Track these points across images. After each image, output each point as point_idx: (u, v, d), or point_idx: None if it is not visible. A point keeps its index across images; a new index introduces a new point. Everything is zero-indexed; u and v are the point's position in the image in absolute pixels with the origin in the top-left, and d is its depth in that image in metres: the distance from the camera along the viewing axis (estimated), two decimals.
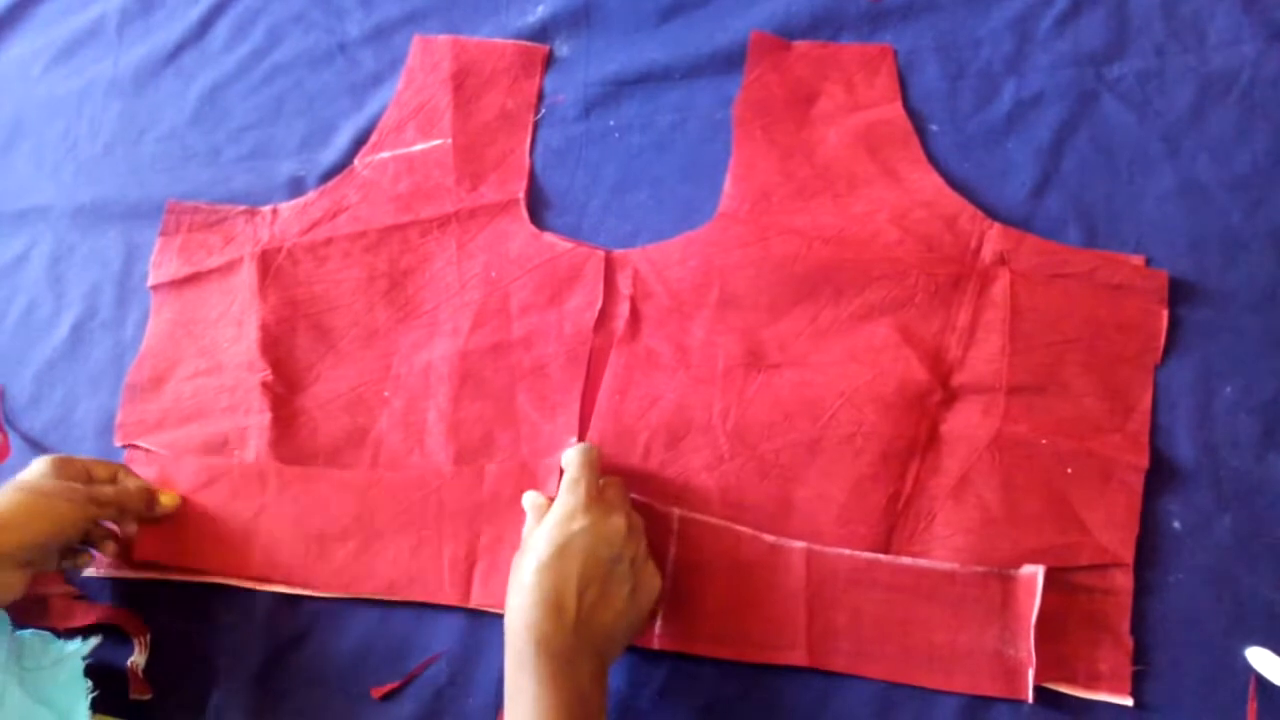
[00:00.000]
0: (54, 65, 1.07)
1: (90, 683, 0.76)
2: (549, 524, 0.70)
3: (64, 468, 0.78)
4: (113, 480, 0.81)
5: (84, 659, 0.77)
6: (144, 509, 0.81)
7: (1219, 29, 0.88)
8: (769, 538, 0.77)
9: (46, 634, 0.78)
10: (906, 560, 0.75)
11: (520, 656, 0.66)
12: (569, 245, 0.88)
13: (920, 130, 0.88)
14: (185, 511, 0.84)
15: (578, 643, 0.67)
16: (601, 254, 0.87)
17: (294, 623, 0.81)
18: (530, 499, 0.76)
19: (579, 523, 0.70)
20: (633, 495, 0.79)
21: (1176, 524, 0.76)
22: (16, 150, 1.04)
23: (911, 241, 0.83)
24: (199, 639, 0.82)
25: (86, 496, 0.76)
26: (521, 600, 0.68)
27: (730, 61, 0.93)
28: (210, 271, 0.92)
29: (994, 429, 0.78)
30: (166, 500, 0.83)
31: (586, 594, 0.68)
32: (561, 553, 0.68)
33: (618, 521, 0.71)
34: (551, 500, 0.74)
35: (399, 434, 0.85)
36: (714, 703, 0.76)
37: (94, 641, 0.78)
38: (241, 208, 0.94)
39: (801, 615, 0.75)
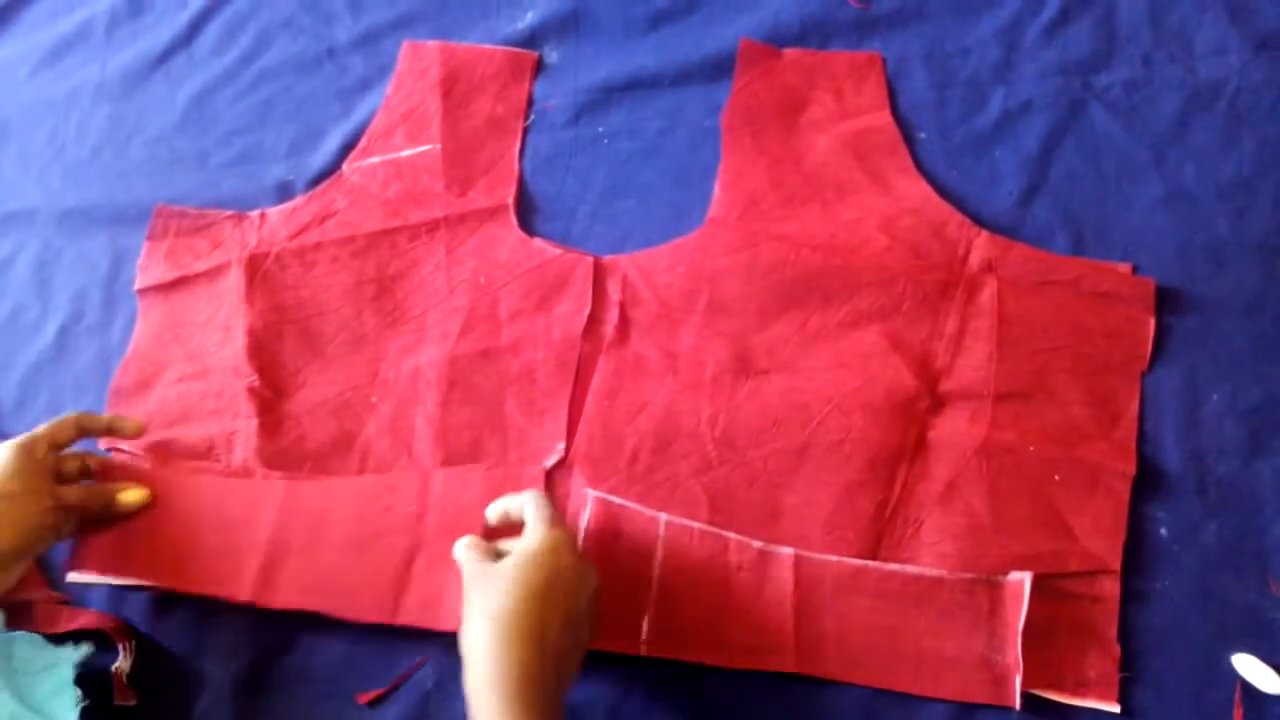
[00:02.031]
0: (41, 68, 1.06)
1: (80, 692, 0.75)
2: (534, 555, 0.66)
3: (28, 463, 0.74)
4: (81, 473, 0.80)
5: (75, 667, 0.76)
6: (109, 509, 0.80)
7: (1206, 39, 0.89)
8: (757, 544, 0.77)
9: (38, 638, 0.77)
10: (894, 567, 0.75)
11: (504, 701, 0.59)
12: (558, 251, 0.88)
13: (908, 138, 0.89)
14: (169, 517, 0.83)
15: (556, 686, 0.62)
16: (590, 260, 0.87)
17: (280, 628, 0.81)
18: (469, 543, 0.71)
19: (566, 560, 0.66)
20: (620, 501, 0.79)
21: (1163, 531, 0.76)
22: (3, 153, 1.03)
23: (900, 249, 0.83)
24: (184, 644, 0.81)
25: (53, 501, 0.75)
26: (504, 636, 0.61)
27: (719, 68, 0.93)
28: (197, 276, 0.92)
29: (981, 436, 0.78)
30: (129, 498, 0.81)
31: (564, 635, 0.64)
32: (550, 586, 0.64)
33: (591, 569, 0.69)
34: (487, 540, 0.71)
35: (387, 440, 0.84)
36: (701, 708, 0.75)
37: (86, 649, 0.77)
38: (229, 212, 0.94)
39: (789, 621, 0.75)
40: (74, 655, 0.77)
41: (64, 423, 0.79)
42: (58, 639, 0.78)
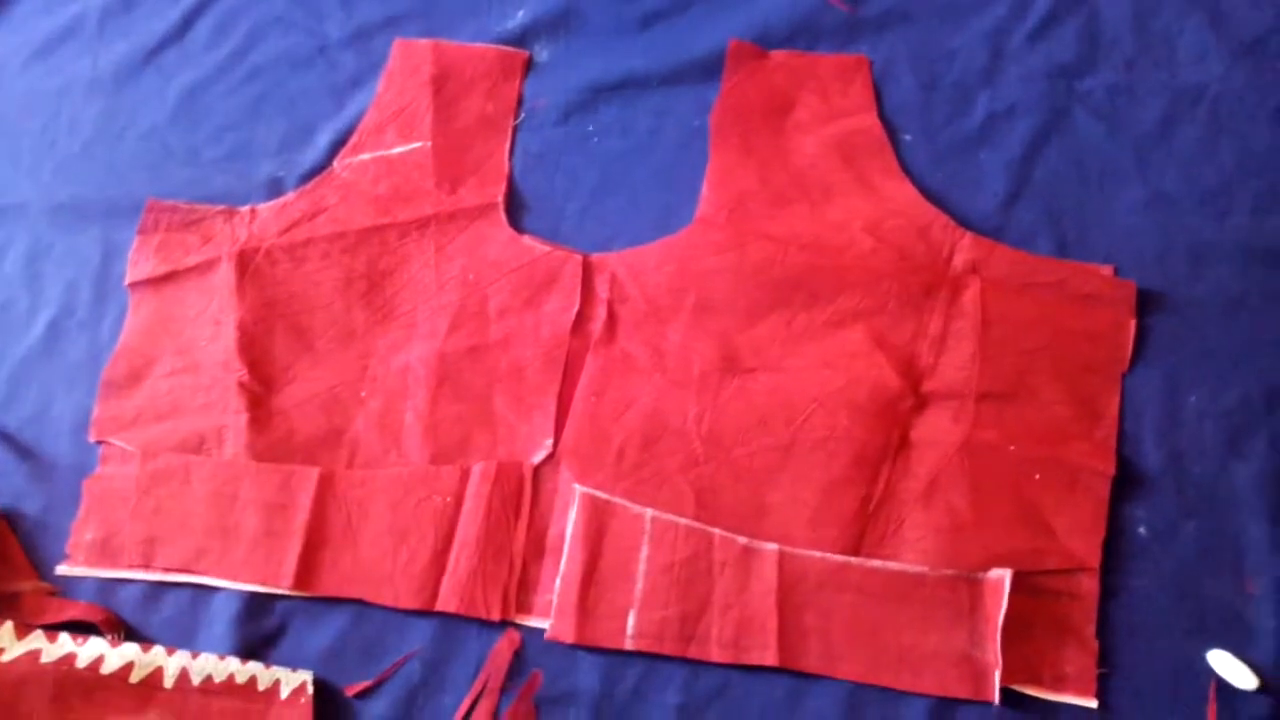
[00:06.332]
0: (33, 62, 1.06)
1: None
2: None
3: None
4: None
5: None
6: None
7: (1188, 45, 0.90)
8: (741, 540, 0.78)
9: None
10: (876, 563, 0.76)
11: None
12: (547, 248, 0.88)
13: (894, 140, 0.90)
14: (160, 508, 0.84)
15: None
16: (579, 258, 0.87)
17: (267, 621, 0.81)
18: None
19: None
20: (607, 496, 0.79)
21: (1142, 529, 0.77)
22: None
23: (885, 250, 0.84)
24: (172, 636, 0.82)
25: None
26: None
27: (708, 69, 0.94)
28: (188, 270, 0.92)
29: (964, 435, 0.79)
30: None
31: None
32: None
33: None
34: None
35: (375, 435, 0.85)
36: (686, 702, 0.76)
37: None
38: (220, 207, 0.94)
39: (773, 616, 0.76)
40: None
41: None
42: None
